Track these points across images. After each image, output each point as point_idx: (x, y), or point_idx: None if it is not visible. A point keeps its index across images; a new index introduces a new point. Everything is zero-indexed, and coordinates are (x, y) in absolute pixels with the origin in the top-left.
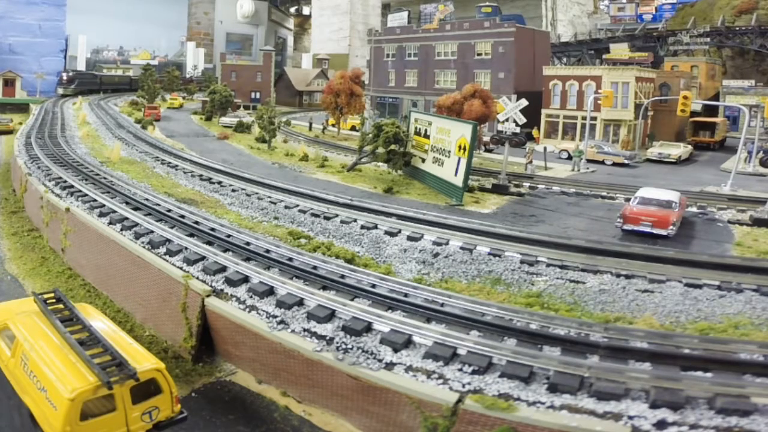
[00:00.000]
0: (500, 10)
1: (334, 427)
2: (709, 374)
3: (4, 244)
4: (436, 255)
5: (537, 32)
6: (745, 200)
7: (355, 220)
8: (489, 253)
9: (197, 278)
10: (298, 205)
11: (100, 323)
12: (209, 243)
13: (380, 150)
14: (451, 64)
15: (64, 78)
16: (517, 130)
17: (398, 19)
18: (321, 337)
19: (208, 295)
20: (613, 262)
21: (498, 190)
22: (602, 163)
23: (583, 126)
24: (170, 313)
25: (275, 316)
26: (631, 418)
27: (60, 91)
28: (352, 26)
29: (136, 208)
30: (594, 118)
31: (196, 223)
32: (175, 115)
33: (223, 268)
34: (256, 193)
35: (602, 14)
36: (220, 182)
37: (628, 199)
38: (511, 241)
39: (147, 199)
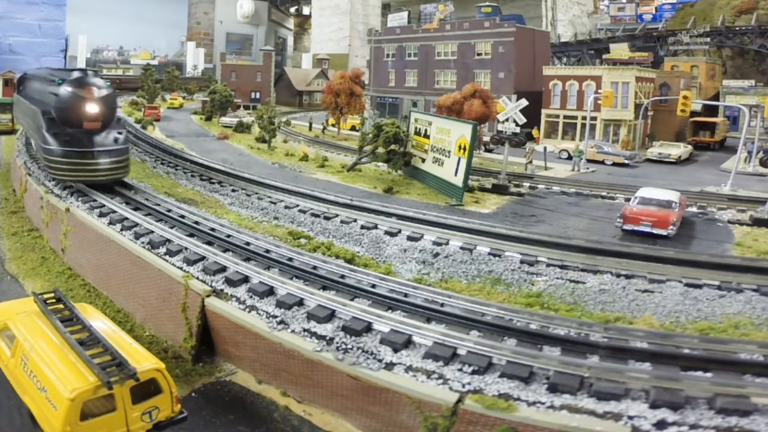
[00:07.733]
0: (500, 10)
1: (334, 427)
2: (709, 374)
3: (4, 244)
4: (436, 255)
5: (537, 32)
6: (745, 200)
7: (355, 220)
8: (489, 253)
9: (197, 278)
10: (298, 205)
11: (100, 323)
12: (209, 243)
13: (380, 150)
14: (451, 64)
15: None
16: (517, 130)
17: (398, 19)
18: (321, 337)
19: (208, 295)
20: (613, 262)
21: (498, 190)
22: (602, 163)
23: (583, 126)
24: (170, 313)
25: (275, 316)
26: (631, 418)
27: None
28: (352, 26)
29: (136, 208)
30: (594, 118)
31: (196, 223)
32: (175, 115)
33: (223, 268)
34: (256, 193)
35: (602, 14)
36: (220, 182)
37: (628, 199)
38: (511, 241)
39: (147, 199)
